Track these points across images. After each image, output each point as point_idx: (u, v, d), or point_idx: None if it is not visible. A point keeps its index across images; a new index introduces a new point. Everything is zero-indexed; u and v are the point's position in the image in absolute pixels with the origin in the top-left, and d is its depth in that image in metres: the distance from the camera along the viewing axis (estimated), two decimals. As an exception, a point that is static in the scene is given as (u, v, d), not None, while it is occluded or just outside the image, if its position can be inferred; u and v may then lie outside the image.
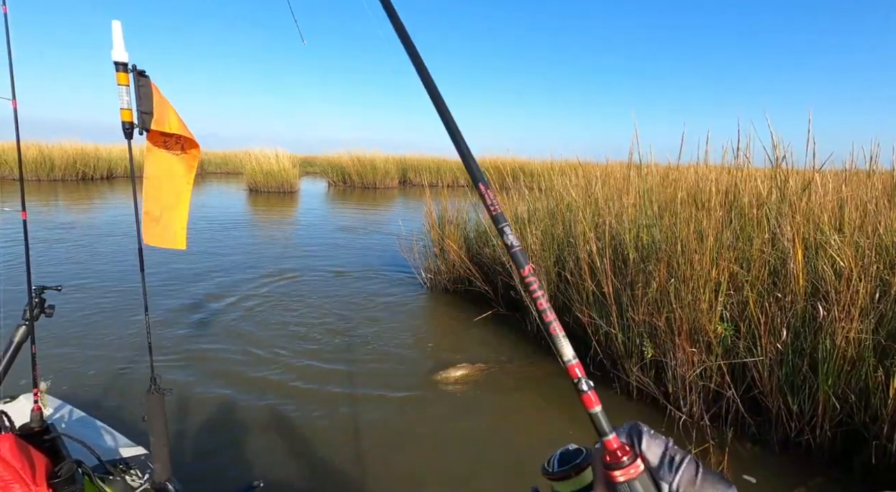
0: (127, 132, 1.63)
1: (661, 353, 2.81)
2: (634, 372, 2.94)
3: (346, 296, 4.90)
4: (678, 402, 2.75)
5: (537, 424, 2.77)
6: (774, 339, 2.40)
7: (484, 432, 2.63)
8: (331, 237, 8.34)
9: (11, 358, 1.42)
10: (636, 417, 2.77)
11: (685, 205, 3.16)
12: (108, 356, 3.32)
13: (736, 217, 2.99)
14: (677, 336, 2.69)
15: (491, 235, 4.66)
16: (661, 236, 3.08)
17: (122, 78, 1.63)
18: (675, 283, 2.73)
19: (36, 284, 1.49)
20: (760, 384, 2.47)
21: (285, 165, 16.75)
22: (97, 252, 6.42)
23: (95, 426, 1.86)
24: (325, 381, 3.10)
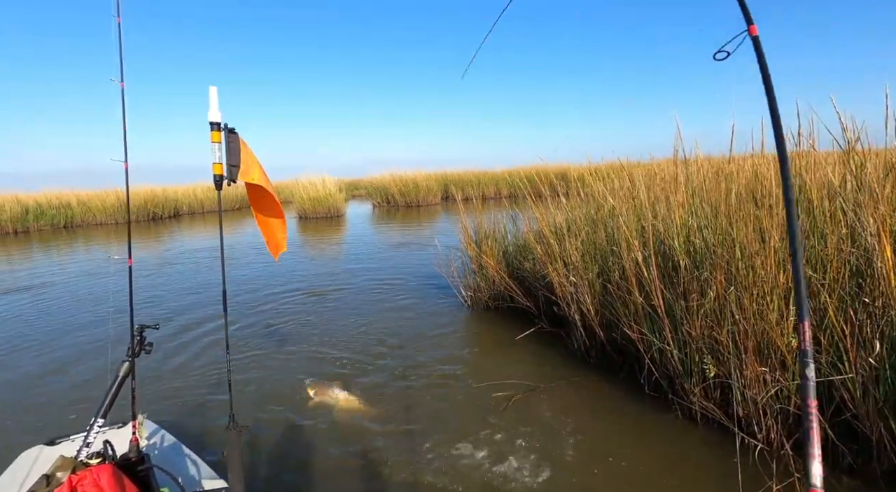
0: (217, 183, 1.92)
1: (726, 371, 2.47)
2: (696, 393, 2.62)
3: (386, 319, 4.82)
4: (751, 427, 2.39)
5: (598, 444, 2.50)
6: (866, 352, 2.03)
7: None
8: (373, 258, 8.39)
9: (116, 391, 1.57)
10: (704, 446, 2.44)
11: (742, 202, 2.82)
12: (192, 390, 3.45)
13: (803, 212, 2.62)
14: (743, 352, 2.36)
15: (530, 247, 4.44)
16: (716, 239, 2.75)
17: (216, 136, 1.92)
18: (735, 291, 2.40)
19: (138, 323, 1.65)
20: (853, 406, 2.09)
21: (331, 190, 17.28)
22: (183, 286, 6.78)
23: (183, 454, 1.97)
24: (386, 418, 3.01)
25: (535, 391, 3.21)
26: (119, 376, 1.58)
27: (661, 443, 2.52)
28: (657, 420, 2.73)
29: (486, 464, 2.40)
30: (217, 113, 1.89)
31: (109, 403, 1.55)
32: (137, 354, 1.63)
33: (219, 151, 1.90)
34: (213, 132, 1.89)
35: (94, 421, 1.55)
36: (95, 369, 3.83)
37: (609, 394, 3.09)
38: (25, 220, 17.59)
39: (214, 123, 1.89)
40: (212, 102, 1.88)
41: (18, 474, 1.80)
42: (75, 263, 9.43)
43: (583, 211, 4.24)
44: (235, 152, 1.95)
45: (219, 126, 1.90)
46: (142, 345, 1.64)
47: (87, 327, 4.96)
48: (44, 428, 2.89)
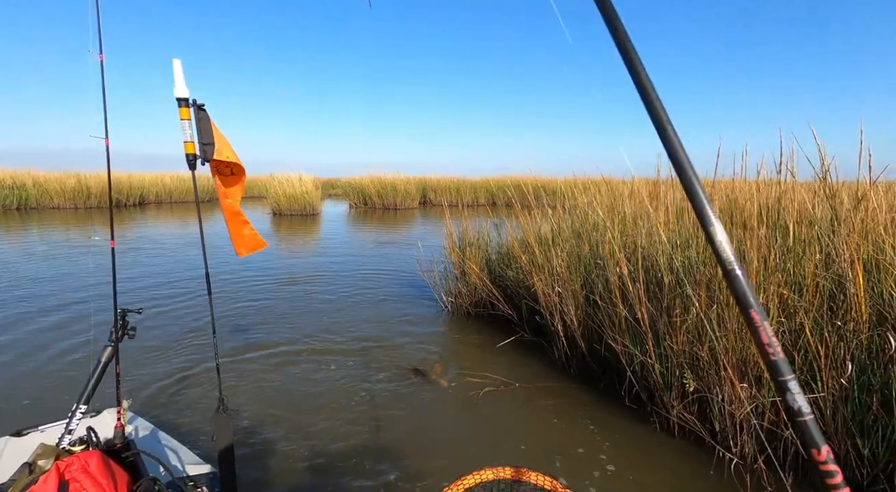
0: (191, 163, 1.81)
1: (706, 386, 2.56)
2: (676, 407, 2.70)
3: (364, 319, 4.76)
4: (727, 441, 2.48)
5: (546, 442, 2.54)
6: (837, 373, 2.14)
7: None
8: (348, 259, 8.28)
9: (99, 377, 1.52)
10: (680, 458, 2.52)
11: (726, 223, 2.94)
12: (177, 375, 3.36)
13: (780, 235, 2.76)
14: (723, 369, 2.45)
15: (514, 255, 4.49)
16: (699, 258, 2.86)
17: (185, 113, 1.79)
18: (717, 309, 2.50)
19: (121, 307, 1.59)
20: (823, 424, 2.20)
21: (308, 187, 17.01)
22: (158, 272, 6.49)
23: (166, 441, 1.91)
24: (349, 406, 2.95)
25: (511, 388, 3.28)
26: (102, 361, 1.53)
27: (637, 452, 2.58)
28: (635, 431, 2.79)
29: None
30: (184, 88, 1.76)
31: (92, 388, 1.51)
32: (121, 338, 1.58)
33: (189, 128, 1.77)
34: (182, 109, 1.76)
35: (76, 407, 1.49)
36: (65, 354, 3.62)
37: (588, 402, 3.15)
38: (-27, 198, 16.55)
39: (182, 99, 1.76)
40: (177, 77, 1.75)
41: None
42: (33, 246, 8.91)
43: (567, 223, 4.33)
44: (207, 130, 1.82)
45: (187, 102, 1.76)
46: (125, 329, 1.59)
47: (59, 312, 4.69)
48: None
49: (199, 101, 1.76)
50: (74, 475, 1.20)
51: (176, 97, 1.74)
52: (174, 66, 1.73)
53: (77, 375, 3.38)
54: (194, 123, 1.77)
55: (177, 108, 1.77)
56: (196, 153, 1.76)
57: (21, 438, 1.88)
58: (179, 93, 1.74)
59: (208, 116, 1.79)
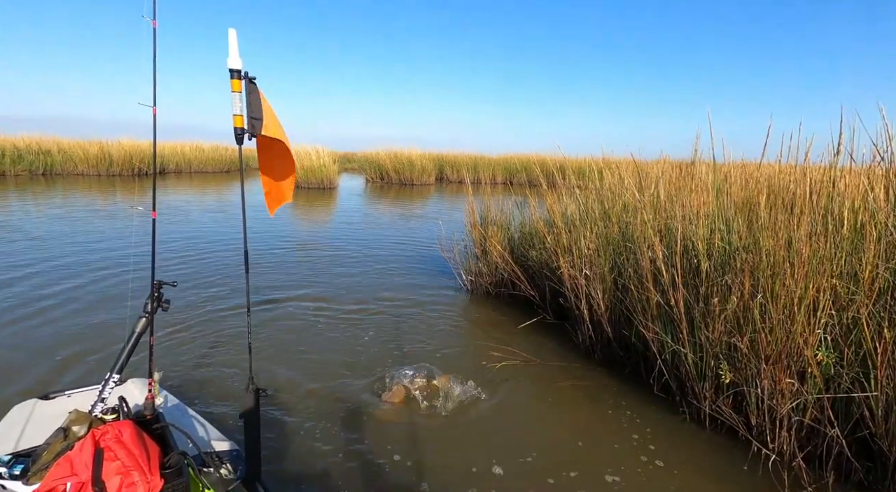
0: (238, 137, 1.76)
1: (742, 379, 2.44)
2: (709, 398, 2.59)
3: (381, 297, 4.71)
4: (763, 436, 2.37)
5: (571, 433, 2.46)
6: (894, 372, 2.00)
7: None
8: (367, 235, 8.22)
9: (132, 347, 1.51)
10: (713, 450, 2.42)
11: (771, 208, 2.75)
12: (205, 351, 3.34)
13: (834, 223, 2.57)
14: (763, 362, 2.32)
15: (538, 235, 4.35)
16: (741, 244, 2.69)
17: (237, 85, 1.74)
18: (761, 299, 2.35)
19: (156, 279, 1.58)
20: (873, 424, 2.08)
21: (325, 161, 16.92)
22: (186, 237, 6.53)
23: (191, 416, 1.90)
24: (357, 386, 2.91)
25: (533, 366, 3.27)
26: (136, 331, 1.52)
27: (669, 442, 2.49)
28: (664, 420, 2.70)
29: (471, 428, 2.34)
30: (237, 59, 1.72)
31: (126, 358, 1.50)
32: (155, 310, 1.56)
33: (239, 101, 1.74)
34: (234, 81, 1.72)
35: (109, 376, 1.48)
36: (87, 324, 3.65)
37: (614, 388, 3.06)
38: (1, 163, 16.84)
39: (235, 71, 1.72)
40: (231, 47, 1.70)
41: (13, 428, 1.70)
42: (55, 209, 9.04)
43: (595, 204, 4.16)
44: (257, 104, 1.78)
45: (239, 74, 1.73)
46: (160, 301, 1.58)
47: (100, 282, 4.74)
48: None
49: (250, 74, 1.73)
50: (109, 444, 1.19)
51: (229, 68, 1.70)
52: (230, 35, 1.69)
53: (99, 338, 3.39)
54: (244, 96, 1.73)
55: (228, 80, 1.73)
56: (244, 128, 1.72)
57: (49, 401, 1.88)
58: (233, 64, 1.71)
59: (258, 90, 1.75)
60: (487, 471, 2.20)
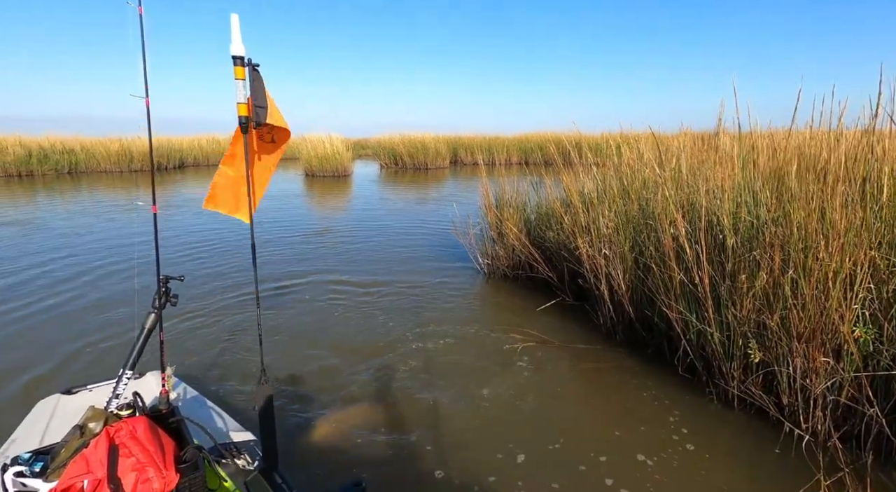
0: (243, 126, 1.70)
1: (773, 358, 2.34)
2: (737, 378, 2.50)
3: (398, 282, 4.69)
4: (795, 416, 2.28)
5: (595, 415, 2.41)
6: (940, 347, 1.88)
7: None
8: (382, 220, 8.21)
9: (144, 343, 1.52)
10: (742, 431, 2.34)
11: (802, 178, 2.60)
12: (223, 339, 3.39)
13: (872, 191, 2.41)
14: (795, 340, 2.21)
15: (555, 216, 4.25)
16: (770, 216, 2.56)
17: (240, 72, 1.68)
18: (792, 275, 2.23)
19: (163, 274, 1.57)
20: (914, 403, 1.97)
21: (339, 148, 16.90)
22: (201, 229, 6.64)
23: (208, 408, 1.91)
24: (395, 370, 2.91)
25: (554, 348, 3.25)
26: (146, 327, 1.52)
27: (698, 423, 2.42)
28: (691, 401, 2.62)
29: (497, 411, 2.31)
30: (240, 45, 1.67)
31: (137, 354, 1.51)
32: (163, 305, 1.56)
33: (244, 89, 1.69)
34: (237, 68, 1.67)
35: (122, 372, 1.48)
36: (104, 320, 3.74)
37: (637, 368, 2.99)
38: (29, 163, 17.32)
39: (238, 58, 1.67)
40: (234, 33, 1.65)
41: (38, 423, 1.74)
42: (81, 206, 9.27)
43: (614, 181, 4.02)
44: (261, 92, 1.73)
45: (243, 61, 1.69)
46: (167, 296, 1.57)
47: (106, 278, 4.85)
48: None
49: (253, 60, 1.67)
50: (124, 441, 1.19)
51: (232, 55, 1.64)
52: (232, 21, 1.64)
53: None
54: (248, 84, 1.69)
55: (231, 67, 1.66)
56: (250, 116, 1.67)
57: (71, 396, 1.91)
58: (236, 50, 1.66)
59: (262, 78, 1.70)
60: (511, 457, 2.17)
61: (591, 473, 2.07)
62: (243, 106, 1.70)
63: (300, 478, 1.97)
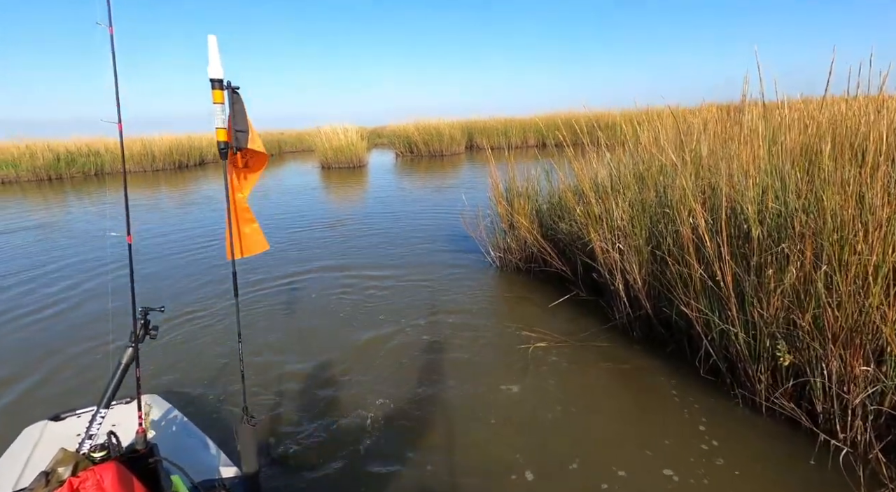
0: (223, 152, 1.63)
1: (805, 361, 2.13)
2: (764, 382, 2.30)
3: (409, 275, 4.58)
4: (830, 424, 2.08)
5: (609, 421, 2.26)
6: None
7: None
8: (396, 211, 8.09)
9: (119, 380, 1.44)
10: (772, 440, 2.16)
11: (837, 157, 2.34)
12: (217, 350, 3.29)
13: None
14: (830, 342, 2.00)
15: (567, 207, 4.04)
16: (800, 204, 2.32)
17: (218, 96, 1.61)
18: (826, 269, 2.01)
19: (142, 306, 1.49)
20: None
21: (353, 139, 16.81)
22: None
23: (197, 437, 1.84)
24: (403, 368, 2.82)
25: (568, 347, 3.12)
26: (122, 362, 1.42)
27: (724, 429, 2.24)
28: (715, 405, 2.44)
29: (508, 419, 2.19)
30: (219, 68, 1.61)
31: (112, 392, 1.40)
32: (142, 339, 1.45)
33: (222, 113, 1.64)
34: (215, 91, 1.62)
35: (96, 412, 1.39)
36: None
37: (656, 369, 2.80)
38: (58, 167, 17.87)
39: (216, 81, 1.61)
40: (212, 55, 1.60)
41: (21, 454, 1.69)
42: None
43: (628, 167, 3.78)
44: (241, 115, 1.67)
45: (221, 83, 1.62)
46: (146, 329, 1.47)
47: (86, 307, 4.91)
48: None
49: (233, 83, 1.63)
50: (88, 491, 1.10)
51: (210, 78, 1.58)
52: (209, 43, 1.58)
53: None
54: (228, 108, 1.63)
55: (209, 90, 1.61)
56: (230, 141, 1.62)
57: (59, 422, 1.86)
58: (213, 73, 1.60)
59: (242, 101, 1.65)
60: (521, 474, 2.05)
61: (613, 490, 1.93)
62: (222, 131, 1.63)
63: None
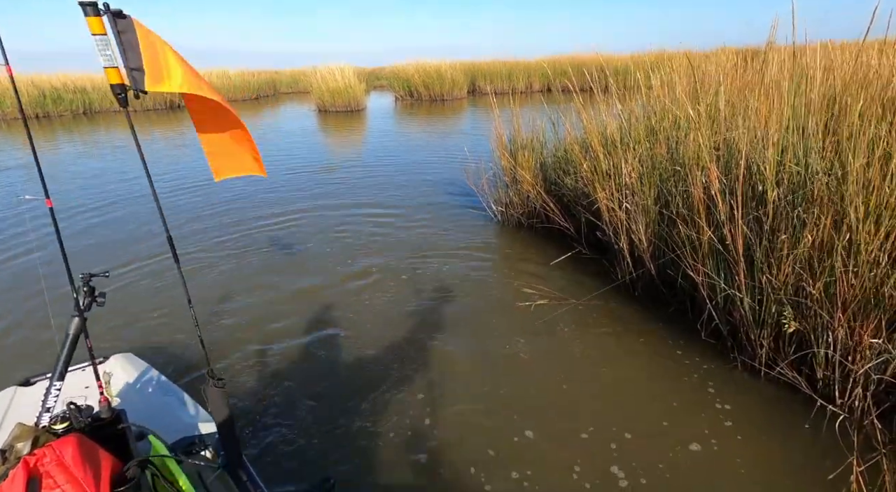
0: (120, 99, 1.25)
1: (810, 328, 2.10)
2: (765, 346, 2.28)
3: (408, 227, 4.50)
4: (828, 390, 2.08)
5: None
6: None
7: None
8: (394, 159, 7.86)
9: (70, 351, 1.34)
10: (770, 404, 2.18)
11: (868, 116, 2.19)
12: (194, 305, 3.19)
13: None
14: (839, 310, 1.95)
15: (573, 160, 3.88)
16: (821, 166, 2.19)
17: (95, 24, 1.19)
18: (850, 237, 1.92)
19: (83, 272, 1.36)
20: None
21: (351, 81, 16.07)
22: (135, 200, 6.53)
23: (175, 394, 1.80)
24: (395, 317, 2.81)
25: (569, 305, 3.12)
26: (70, 333, 1.32)
27: (712, 391, 2.26)
28: (713, 367, 2.44)
29: (511, 370, 2.21)
30: None
31: (64, 364, 1.31)
32: (87, 307, 1.32)
33: (106, 48, 1.22)
34: (89, 19, 1.18)
35: (50, 384, 1.29)
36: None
37: (656, 331, 2.80)
38: (44, 104, 17.15)
39: (87, 4, 1.17)
40: None
41: None
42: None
43: (641, 119, 3.58)
44: (134, 48, 1.23)
45: (95, 8, 1.18)
46: (93, 296, 1.34)
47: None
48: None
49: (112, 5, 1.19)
50: (47, 469, 1.02)
51: (79, 1, 1.16)
52: None
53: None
54: (113, 39, 1.21)
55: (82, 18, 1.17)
56: (125, 82, 1.23)
57: (30, 387, 1.76)
58: None
59: (132, 26, 1.21)
60: (521, 434, 2.07)
61: (621, 452, 1.96)
62: (112, 71, 1.22)
63: (268, 472, 1.88)
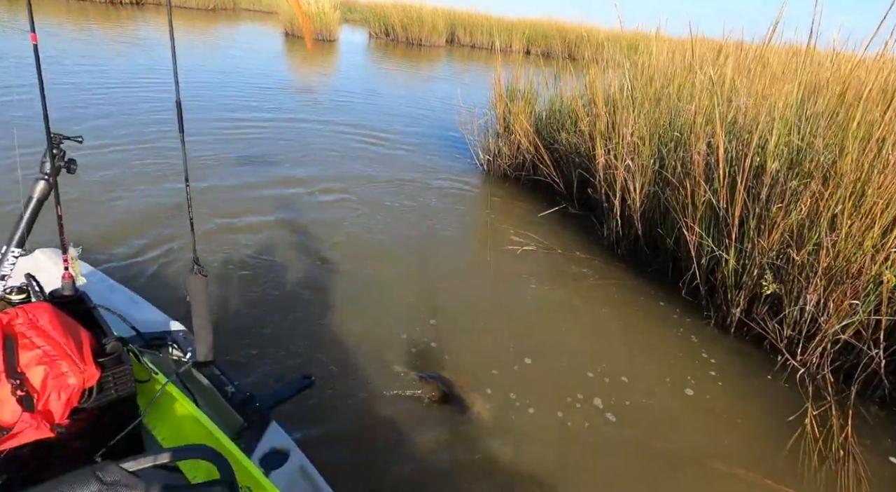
0: None
1: (786, 291, 2.30)
2: (740, 305, 2.48)
3: (390, 171, 4.37)
4: (792, 347, 2.32)
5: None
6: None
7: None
8: (379, 102, 7.51)
9: (32, 216, 1.20)
10: (734, 357, 2.39)
11: (872, 102, 2.33)
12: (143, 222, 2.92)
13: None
14: (818, 277, 2.14)
15: (572, 116, 3.88)
16: (822, 144, 2.33)
17: None
18: (842, 208, 2.08)
19: (55, 132, 1.18)
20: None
21: (324, 6, 14.88)
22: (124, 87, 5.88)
23: (131, 298, 1.67)
24: (370, 256, 2.77)
25: (553, 254, 3.21)
26: (33, 197, 1.18)
27: (687, 343, 2.45)
28: (686, 322, 2.63)
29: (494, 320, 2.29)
30: None
31: (25, 229, 1.19)
32: (57, 171, 1.19)
33: None
34: None
35: (6, 250, 1.16)
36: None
37: (635, 287, 2.95)
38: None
39: None
40: None
41: None
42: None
43: (648, 82, 3.61)
44: None
45: None
46: (63, 160, 1.20)
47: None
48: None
49: None
50: (22, 331, 0.93)
51: None
52: None
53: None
54: None
55: None
56: None
57: None
58: None
59: None
60: (512, 365, 2.15)
61: (594, 381, 2.09)
62: None
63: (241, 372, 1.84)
